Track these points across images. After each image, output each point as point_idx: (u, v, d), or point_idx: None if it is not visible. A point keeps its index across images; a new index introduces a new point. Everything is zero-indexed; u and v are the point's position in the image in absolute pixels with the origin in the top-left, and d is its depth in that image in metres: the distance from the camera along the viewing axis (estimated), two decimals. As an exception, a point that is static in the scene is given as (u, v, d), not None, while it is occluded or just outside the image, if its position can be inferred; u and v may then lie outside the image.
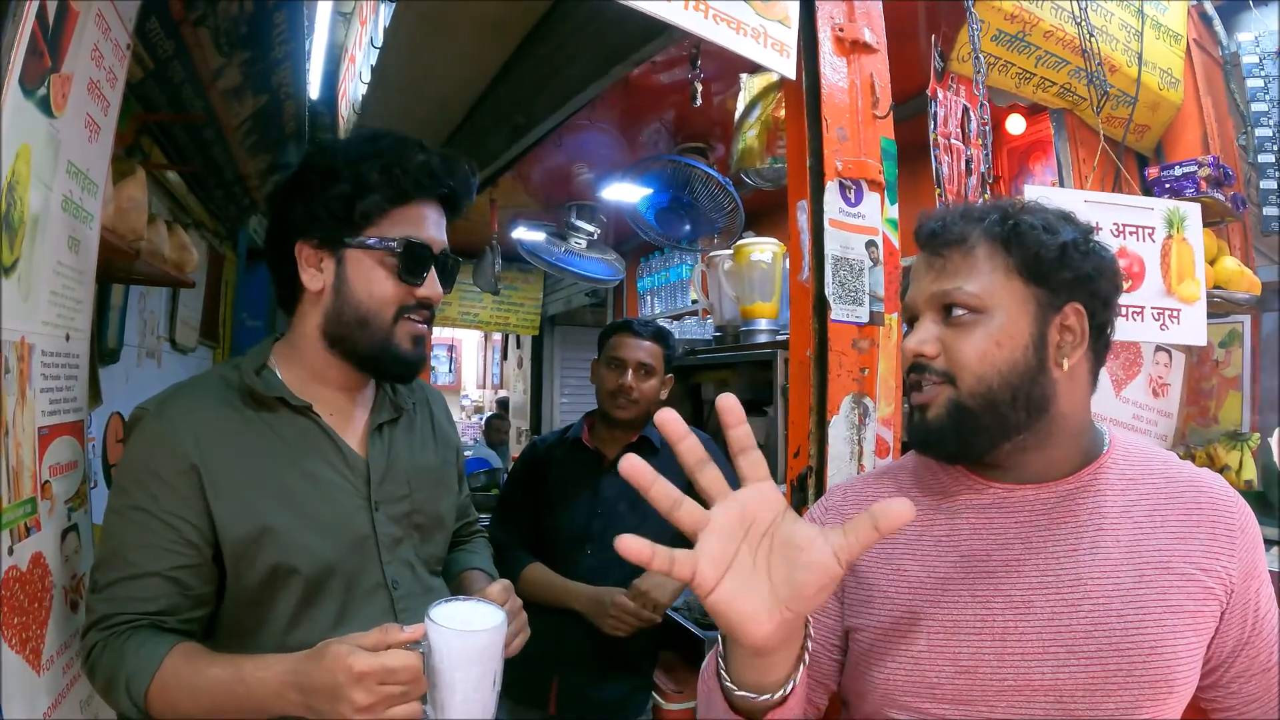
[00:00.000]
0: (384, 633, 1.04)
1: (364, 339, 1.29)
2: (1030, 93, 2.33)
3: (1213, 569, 1.02)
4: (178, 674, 1.11)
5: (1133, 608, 0.99)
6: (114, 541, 1.18)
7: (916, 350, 1.08)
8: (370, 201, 1.26)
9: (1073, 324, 1.05)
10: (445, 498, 1.49)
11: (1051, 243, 1.04)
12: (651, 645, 2.39)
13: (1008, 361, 1.03)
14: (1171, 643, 0.98)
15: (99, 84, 1.57)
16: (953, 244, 1.08)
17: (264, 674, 1.08)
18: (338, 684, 1.00)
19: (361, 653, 1.01)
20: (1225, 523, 1.05)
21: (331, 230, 1.28)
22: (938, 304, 1.08)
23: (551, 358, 5.74)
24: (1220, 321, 2.61)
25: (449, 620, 1.02)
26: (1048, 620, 1.00)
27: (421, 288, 1.31)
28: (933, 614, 1.05)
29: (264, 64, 3.15)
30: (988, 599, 1.03)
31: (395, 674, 1.00)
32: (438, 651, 1.01)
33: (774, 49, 1.48)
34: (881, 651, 1.07)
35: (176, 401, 1.26)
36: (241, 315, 5.42)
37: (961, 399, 1.04)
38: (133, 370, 3.37)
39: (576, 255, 3.56)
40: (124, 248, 2.08)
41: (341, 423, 1.35)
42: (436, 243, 1.32)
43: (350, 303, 1.28)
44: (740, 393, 3.15)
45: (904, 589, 1.08)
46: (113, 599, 1.16)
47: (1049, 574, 1.02)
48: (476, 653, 1.03)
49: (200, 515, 1.19)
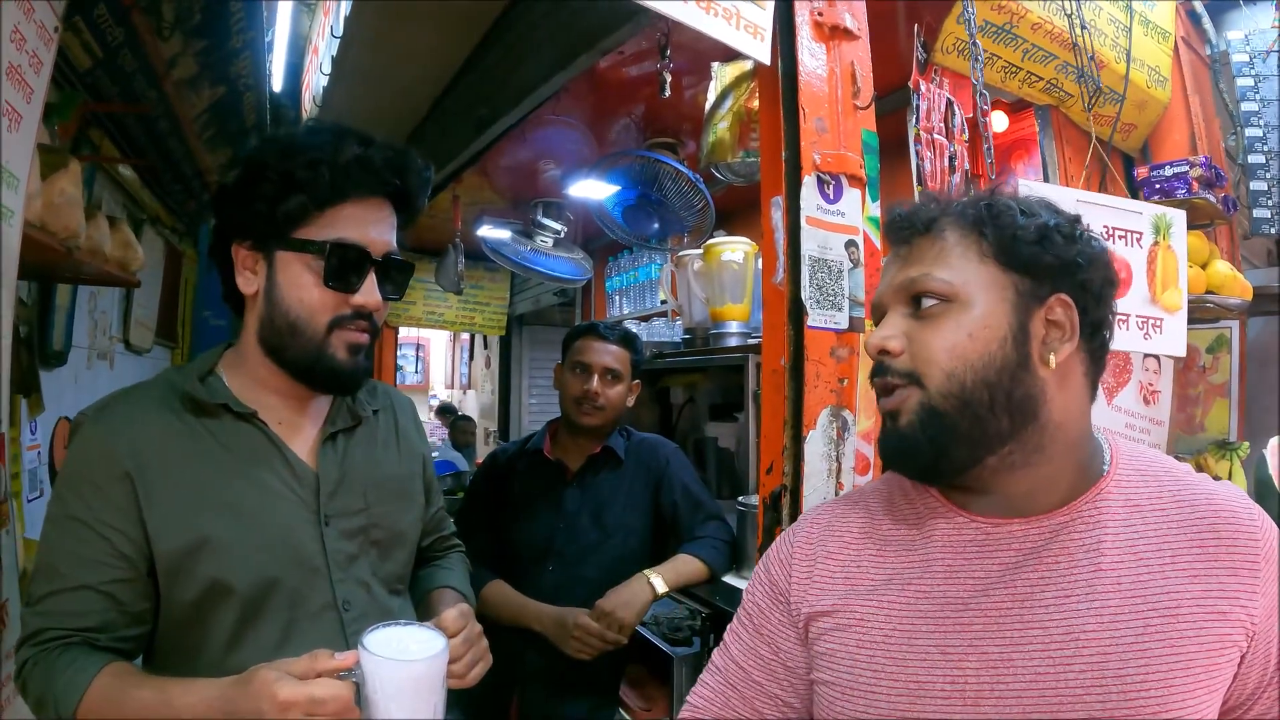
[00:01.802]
0: (313, 659, 0.99)
1: (296, 347, 1.21)
2: (1015, 88, 2.25)
3: (1231, 612, 0.88)
4: (106, 696, 1.06)
5: (1134, 665, 0.85)
6: (49, 552, 1.14)
7: (879, 345, 0.96)
8: (294, 201, 1.17)
9: (1059, 317, 0.93)
10: (408, 512, 1.39)
11: (1029, 224, 0.93)
12: (617, 662, 2.30)
13: (981, 355, 0.91)
14: (1179, 703, 0.84)
15: (20, 69, 1.48)
16: (920, 231, 0.98)
17: (191, 699, 1.03)
18: (262, 712, 0.95)
19: (288, 680, 0.96)
20: (1248, 554, 0.90)
21: (261, 231, 1.20)
22: (905, 295, 0.97)
23: (520, 358, 5.70)
24: (1208, 327, 2.55)
25: (382, 648, 0.97)
26: (1031, 682, 0.87)
27: (357, 295, 1.20)
28: (896, 674, 0.92)
29: (221, 54, 3.07)
30: (960, 657, 0.90)
31: (323, 705, 0.95)
32: (370, 681, 0.96)
33: (747, 31, 1.37)
34: (840, 711, 0.95)
35: (116, 407, 1.20)
36: (204, 314, 5.32)
37: (932, 401, 0.92)
38: (82, 373, 3.28)
39: (542, 254, 3.47)
40: (55, 246, 1.97)
41: (290, 432, 1.27)
42: (377, 245, 1.22)
43: (280, 309, 1.20)
44: (710, 397, 3.08)
45: (866, 644, 0.96)
46: (46, 613, 1.12)
47: (1034, 626, 0.89)
48: (411, 683, 0.97)
49: (134, 526, 1.13)
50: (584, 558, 2.23)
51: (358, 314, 1.22)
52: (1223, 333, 2.56)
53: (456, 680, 1.15)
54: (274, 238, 1.19)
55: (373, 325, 1.25)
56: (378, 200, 1.24)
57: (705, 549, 2.15)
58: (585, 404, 2.29)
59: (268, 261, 1.21)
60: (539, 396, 5.73)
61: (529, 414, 5.78)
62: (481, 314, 5.16)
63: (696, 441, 3.03)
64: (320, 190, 1.17)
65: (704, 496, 2.33)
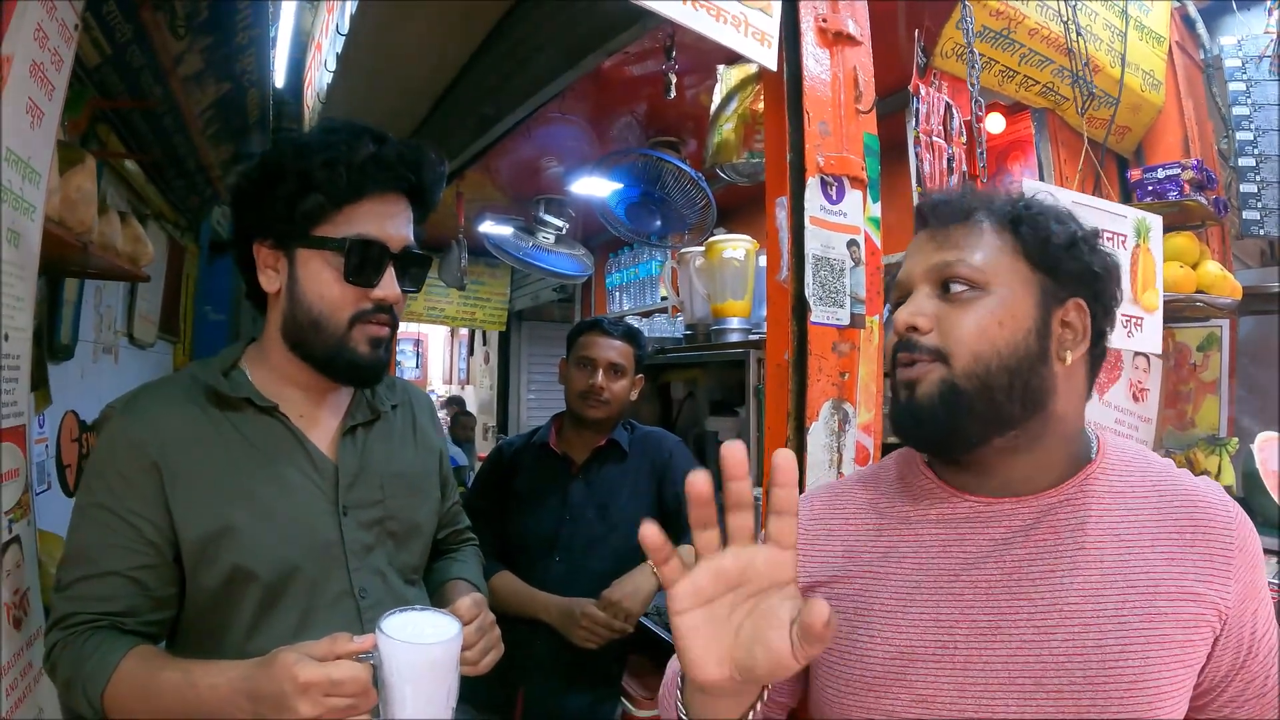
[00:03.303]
0: (333, 642, 1.03)
1: (318, 342, 1.25)
2: (1013, 91, 2.29)
3: (1205, 595, 0.94)
4: (132, 677, 1.10)
5: (1113, 637, 0.91)
6: (78, 539, 1.18)
7: (909, 322, 1.00)
8: (312, 200, 1.21)
9: (1074, 320, 0.99)
10: (423, 504, 1.43)
11: (1061, 231, 0.98)
12: (621, 653, 2.34)
13: (1009, 343, 0.96)
14: (1155, 677, 0.90)
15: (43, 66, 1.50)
16: (958, 218, 1.02)
17: (215, 680, 1.06)
18: (283, 693, 0.98)
19: (308, 662, 0.99)
20: (1222, 542, 0.97)
21: (282, 230, 1.24)
22: (936, 277, 1.01)
23: (519, 353, 5.70)
24: (1199, 325, 2.59)
25: (399, 632, 1.00)
26: (1015, 649, 0.93)
27: (377, 289, 1.24)
28: (890, 639, 0.97)
29: (227, 50, 3.08)
30: (951, 624, 0.96)
31: (341, 686, 0.99)
32: (387, 664, 0.99)
33: (755, 38, 1.41)
34: (837, 675, 1.00)
35: (142, 399, 1.24)
36: (204, 309, 5.32)
37: (955, 378, 0.97)
38: (88, 367, 3.29)
39: (544, 250, 3.50)
40: (71, 241, 2.00)
41: (311, 425, 1.31)
42: (395, 240, 1.26)
43: (303, 305, 1.24)
44: (711, 393, 3.11)
45: (862, 610, 1.01)
46: (74, 598, 1.15)
47: (1021, 597, 0.95)
48: (427, 666, 1.00)
49: (160, 514, 1.17)
50: (589, 549, 2.26)
51: (378, 307, 1.25)
52: (1213, 331, 2.61)
53: (470, 667, 1.18)
54: (294, 236, 1.23)
55: (393, 318, 1.29)
56: (394, 196, 1.28)
57: None
58: (590, 398, 2.33)
59: (289, 259, 1.25)
60: (538, 392, 5.73)
61: (528, 409, 5.79)
62: (482, 309, 5.18)
63: (697, 436, 3.06)
64: (338, 189, 1.21)
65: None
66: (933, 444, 1.04)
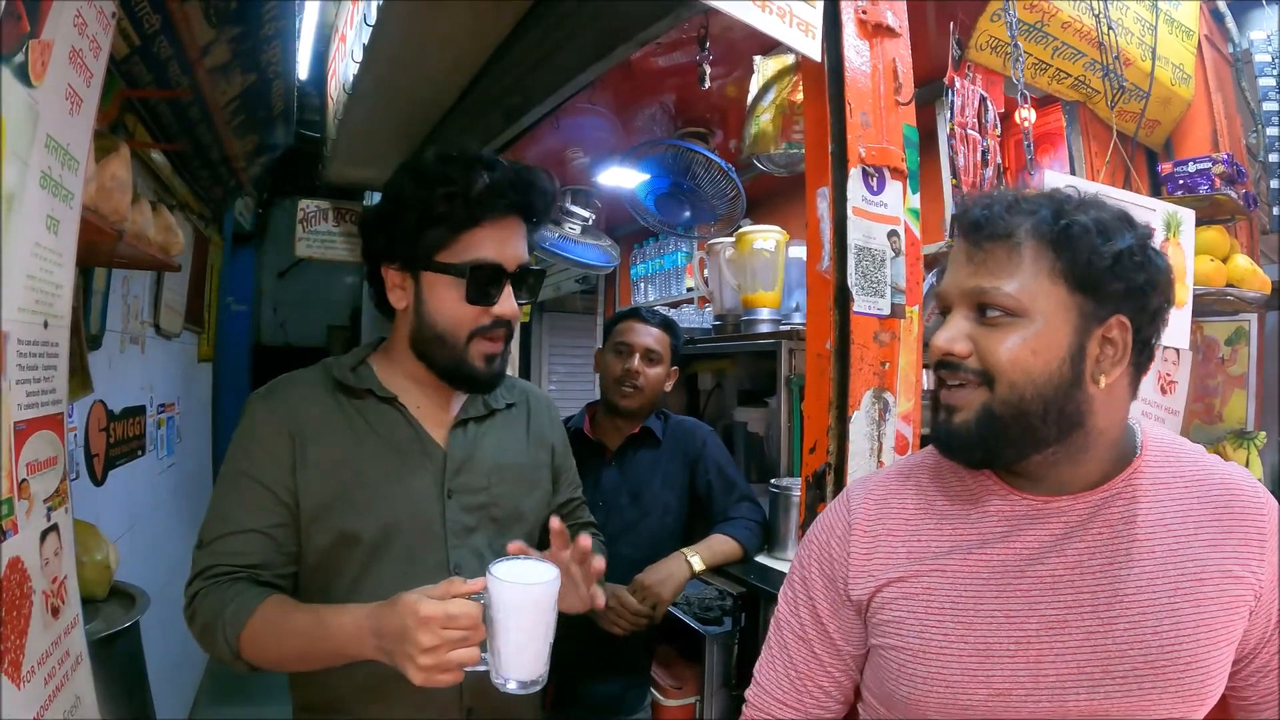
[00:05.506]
0: (449, 584, 1.14)
1: (441, 355, 1.38)
2: (1045, 84, 2.28)
3: (1243, 576, 0.99)
4: (268, 620, 1.24)
5: (1168, 623, 0.96)
6: (221, 503, 1.33)
7: (945, 349, 1.01)
8: (434, 233, 1.32)
9: (1115, 337, 0.98)
10: (530, 494, 1.53)
11: (1105, 250, 0.96)
12: (649, 641, 2.34)
13: (1043, 372, 0.97)
14: (1205, 656, 0.95)
15: (81, 53, 1.50)
16: (997, 238, 1.00)
17: (343, 620, 1.19)
18: (406, 627, 1.09)
19: (428, 600, 1.10)
20: (1257, 527, 1.02)
21: (407, 256, 1.36)
22: (972, 300, 1.01)
23: (540, 344, 5.67)
24: (1227, 319, 2.59)
25: (507, 574, 1.11)
26: (1083, 641, 0.96)
27: (495, 307, 1.35)
28: (965, 636, 1.00)
29: (253, 41, 3.09)
30: (1022, 620, 0.99)
31: (456, 620, 1.10)
32: (495, 602, 1.10)
33: (799, 29, 1.42)
34: (912, 673, 1.03)
35: (281, 386, 1.41)
36: (227, 299, 5.33)
37: (994, 405, 0.98)
38: (115, 357, 3.29)
39: (571, 240, 3.49)
40: (106, 229, 2.00)
41: (427, 415, 1.44)
42: (510, 259, 1.36)
43: (428, 322, 1.37)
44: (740, 383, 3.11)
45: (934, 609, 1.03)
46: (215, 552, 1.30)
47: (1084, 591, 0.98)
48: (531, 604, 1.11)
49: (291, 478, 1.33)
50: (621, 535, 2.26)
51: (496, 323, 1.37)
52: (1241, 325, 2.61)
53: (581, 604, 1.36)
54: (419, 261, 1.35)
55: (508, 330, 1.41)
56: (508, 219, 1.37)
57: (739, 529, 2.18)
58: (625, 384, 2.34)
59: (415, 280, 1.37)
60: (559, 383, 5.70)
61: (549, 400, 5.72)
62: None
63: (725, 426, 3.06)
64: (457, 220, 1.32)
65: (738, 478, 2.37)
66: (972, 463, 1.06)
